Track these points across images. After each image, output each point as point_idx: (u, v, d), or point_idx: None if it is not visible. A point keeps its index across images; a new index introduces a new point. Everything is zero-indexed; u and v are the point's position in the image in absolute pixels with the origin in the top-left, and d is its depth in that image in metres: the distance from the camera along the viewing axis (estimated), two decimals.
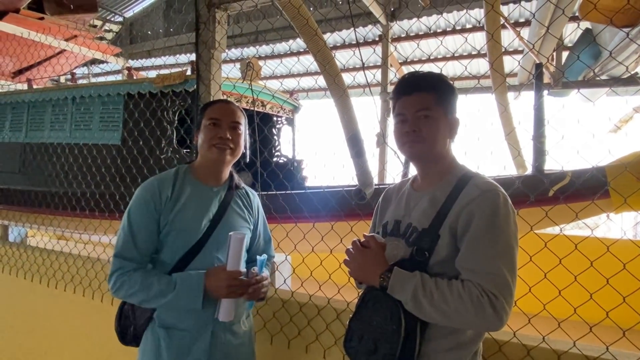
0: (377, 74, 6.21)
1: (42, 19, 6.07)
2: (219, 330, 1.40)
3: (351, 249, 1.15)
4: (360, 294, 1.18)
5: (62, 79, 7.23)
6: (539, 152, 2.17)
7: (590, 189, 2.08)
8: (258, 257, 1.43)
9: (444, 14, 6.17)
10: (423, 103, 1.11)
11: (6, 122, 4.29)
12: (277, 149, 4.92)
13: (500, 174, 2.32)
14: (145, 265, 1.39)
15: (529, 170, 2.41)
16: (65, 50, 6.14)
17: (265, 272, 1.47)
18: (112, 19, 9.93)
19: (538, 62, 2.75)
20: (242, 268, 1.37)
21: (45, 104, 3.97)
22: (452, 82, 1.17)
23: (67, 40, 6.15)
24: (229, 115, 1.44)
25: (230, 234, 1.32)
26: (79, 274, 2.68)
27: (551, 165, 2.32)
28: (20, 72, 7.06)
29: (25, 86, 4.63)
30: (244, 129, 1.49)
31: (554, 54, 4.87)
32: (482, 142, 1.62)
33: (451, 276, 1.05)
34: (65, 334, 2.70)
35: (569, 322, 1.49)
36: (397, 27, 6.72)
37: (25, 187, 3.93)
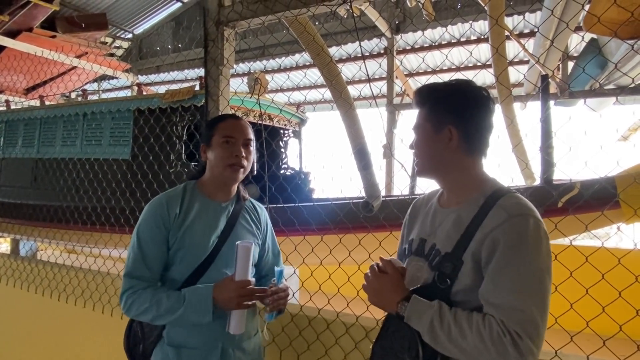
0: (383, 87, 6.26)
1: (54, 37, 6.22)
2: (228, 347, 1.39)
3: (369, 274, 1.10)
4: (384, 317, 1.15)
5: (73, 95, 7.37)
6: (547, 163, 2.17)
7: (600, 200, 2.07)
8: (276, 267, 1.45)
9: (449, 27, 6.22)
10: (416, 120, 1.13)
11: (19, 138, 4.38)
12: (284, 161, 4.95)
13: (509, 185, 2.32)
14: (156, 283, 1.40)
15: (538, 182, 2.40)
16: (76, 67, 6.27)
17: (284, 283, 1.47)
18: (122, 36, 10.14)
19: (544, 73, 2.76)
20: (250, 277, 1.36)
21: (57, 119, 4.05)
22: (456, 90, 1.08)
23: (78, 57, 6.29)
24: (242, 133, 1.44)
25: (237, 243, 1.32)
26: (89, 288, 2.69)
27: (560, 176, 2.31)
28: (32, 88, 7.22)
29: (37, 102, 4.73)
30: (254, 145, 1.50)
31: (560, 64, 4.87)
32: (490, 154, 1.62)
33: (475, 306, 0.97)
34: (75, 348, 2.71)
35: (583, 335, 1.47)
36: (402, 40, 6.79)
37: (37, 201, 3.99)
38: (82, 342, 2.69)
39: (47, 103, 4.54)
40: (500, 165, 1.57)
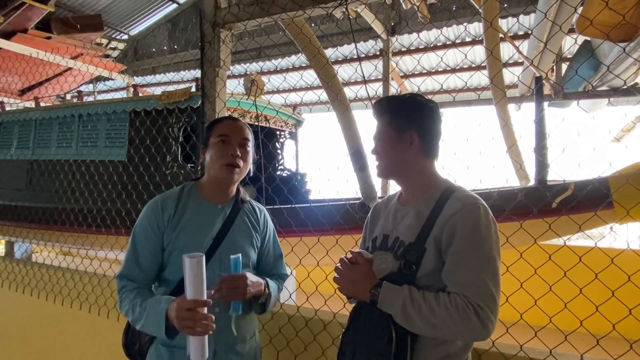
0: (379, 89, 6.29)
1: (49, 38, 6.20)
2: (221, 350, 1.37)
3: (339, 266, 1.19)
4: (352, 308, 1.23)
5: (68, 97, 7.34)
6: (541, 164, 2.19)
7: (593, 201, 2.09)
8: (231, 256, 1.32)
9: (444, 29, 6.26)
10: (377, 128, 1.25)
11: (14, 139, 4.35)
12: (280, 163, 4.96)
13: (503, 186, 2.34)
14: (148, 284, 1.40)
15: (532, 182, 2.42)
16: (71, 68, 6.25)
17: (245, 272, 1.36)
18: (118, 37, 10.11)
19: (538, 75, 2.78)
20: (205, 298, 1.18)
21: (52, 121, 4.04)
22: (413, 101, 1.21)
23: (73, 58, 6.27)
24: (238, 133, 1.44)
25: (183, 256, 1.16)
26: (85, 291, 2.68)
27: (554, 177, 2.34)
28: (27, 90, 7.18)
29: (32, 104, 4.71)
30: (251, 145, 1.50)
31: (554, 65, 4.92)
32: (485, 155, 1.64)
33: (438, 288, 1.09)
34: (72, 351, 2.70)
35: (577, 335, 1.49)
36: (397, 42, 6.82)
37: (33, 203, 3.97)
38: (78, 344, 2.68)
39: (42, 104, 4.52)
40: (495, 166, 1.59)
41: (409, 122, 1.20)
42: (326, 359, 1.79)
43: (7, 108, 4.81)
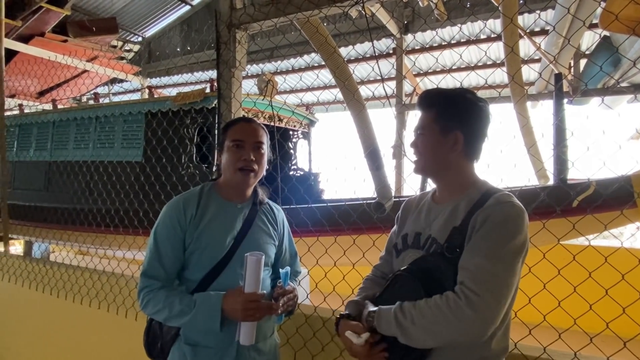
0: (392, 87, 6.24)
1: (65, 41, 6.31)
2: (243, 348, 1.40)
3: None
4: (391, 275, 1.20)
5: (84, 99, 7.46)
6: (562, 163, 2.14)
7: (617, 199, 2.04)
8: (280, 269, 1.42)
9: (457, 26, 6.19)
10: (421, 121, 1.19)
11: (33, 141, 4.43)
12: (294, 162, 4.96)
13: (523, 185, 2.30)
14: (171, 283, 1.41)
15: (551, 181, 2.37)
16: (87, 70, 6.35)
17: (291, 285, 1.47)
18: (132, 39, 10.23)
19: (557, 72, 2.73)
20: (261, 290, 1.34)
21: (70, 123, 4.10)
22: (463, 98, 1.14)
23: (89, 60, 6.37)
24: (252, 136, 1.44)
25: (246, 255, 1.29)
26: (103, 290, 2.71)
27: (575, 175, 2.29)
28: (45, 92, 7.32)
29: (50, 106, 4.79)
30: (266, 147, 1.50)
31: (572, 61, 4.81)
32: (505, 154, 1.61)
33: None
34: (91, 350, 2.74)
35: (602, 337, 1.45)
36: (411, 40, 6.77)
37: (51, 204, 4.04)
38: (97, 343, 2.72)
39: (59, 106, 4.60)
40: (516, 165, 1.56)
41: (456, 121, 1.13)
42: (344, 359, 1.78)
43: (26, 110, 4.90)
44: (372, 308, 1.11)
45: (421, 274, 1.07)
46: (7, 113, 4.75)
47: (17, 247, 5.36)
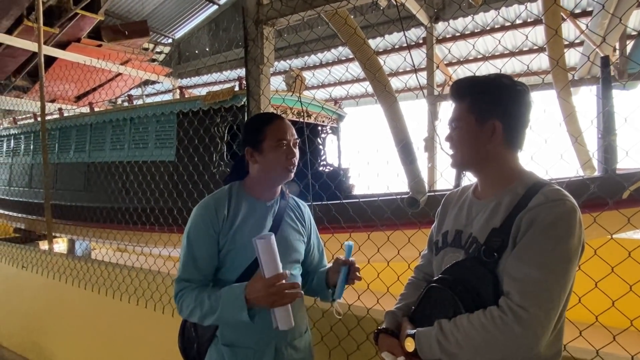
0: (422, 79, 6.08)
1: (100, 46, 6.53)
2: (282, 346, 1.40)
3: None
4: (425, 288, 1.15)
5: (119, 101, 7.71)
6: (611, 151, 2.00)
7: None
8: (346, 242, 1.43)
9: (487, 12, 5.95)
10: (455, 112, 1.11)
11: (72, 143, 4.61)
12: (323, 158, 4.94)
13: (570, 177, 2.17)
14: (207, 285, 1.40)
15: (598, 171, 2.23)
16: (121, 73, 6.55)
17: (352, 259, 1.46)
18: (163, 42, 10.48)
19: (603, 55, 2.55)
20: (281, 270, 1.26)
21: (106, 125, 4.23)
22: (498, 83, 1.06)
23: (122, 64, 6.57)
24: (292, 134, 1.44)
25: (254, 239, 1.23)
26: (141, 286, 2.78)
27: (624, 165, 2.14)
28: (82, 96, 7.61)
29: (87, 109, 4.97)
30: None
31: (617, 44, 4.50)
32: (550, 144, 1.51)
33: None
34: (130, 345, 2.82)
35: (627, 333, 1.35)
36: (441, 28, 6.57)
37: (90, 204, 4.19)
38: (136, 338, 2.79)
39: (96, 109, 4.75)
40: (562, 156, 1.46)
41: (492, 108, 1.05)
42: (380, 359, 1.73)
43: (65, 114, 5.10)
44: (410, 331, 1.05)
45: (456, 285, 1.01)
46: (48, 117, 4.95)
47: (60, 244, 5.60)
